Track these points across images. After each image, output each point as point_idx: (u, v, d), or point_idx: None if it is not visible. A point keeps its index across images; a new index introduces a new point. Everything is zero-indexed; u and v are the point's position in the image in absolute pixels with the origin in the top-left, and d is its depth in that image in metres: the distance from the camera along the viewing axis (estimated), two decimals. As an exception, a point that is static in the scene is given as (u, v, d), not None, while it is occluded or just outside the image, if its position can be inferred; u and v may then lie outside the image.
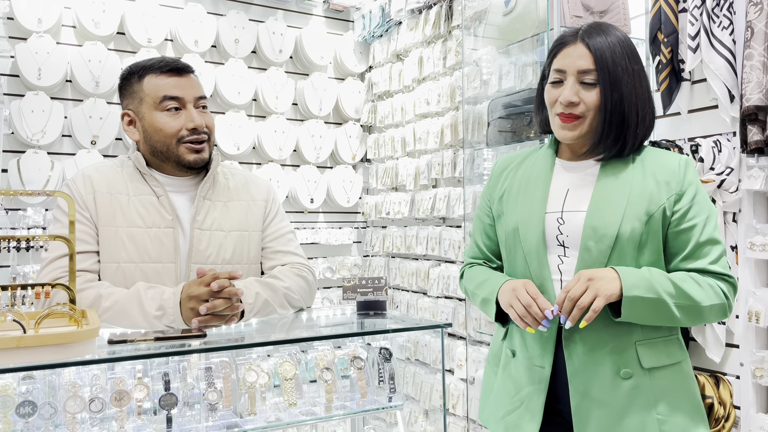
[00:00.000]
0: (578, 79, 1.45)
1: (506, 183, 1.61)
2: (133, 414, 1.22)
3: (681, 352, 1.47)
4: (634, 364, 1.41)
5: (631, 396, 1.40)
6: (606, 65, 1.42)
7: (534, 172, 1.56)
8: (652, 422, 1.39)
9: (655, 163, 1.47)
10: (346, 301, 1.60)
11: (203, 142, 1.68)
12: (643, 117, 1.46)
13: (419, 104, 3.63)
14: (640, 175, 1.45)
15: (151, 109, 1.66)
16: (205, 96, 1.72)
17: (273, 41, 3.93)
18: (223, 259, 1.68)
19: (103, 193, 1.63)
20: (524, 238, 1.49)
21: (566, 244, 1.45)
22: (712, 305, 1.38)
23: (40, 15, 3.28)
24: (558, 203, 1.49)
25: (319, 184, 4.04)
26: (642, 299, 1.33)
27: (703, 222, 1.42)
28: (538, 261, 1.47)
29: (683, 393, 1.44)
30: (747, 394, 2.22)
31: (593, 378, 1.41)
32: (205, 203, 1.70)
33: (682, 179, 1.44)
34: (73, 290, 1.23)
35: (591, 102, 1.44)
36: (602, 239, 1.40)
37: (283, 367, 1.38)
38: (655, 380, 1.41)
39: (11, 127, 3.22)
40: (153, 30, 3.56)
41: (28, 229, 3.20)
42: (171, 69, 1.67)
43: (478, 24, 3.01)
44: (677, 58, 2.45)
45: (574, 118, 1.45)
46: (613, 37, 1.45)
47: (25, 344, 1.03)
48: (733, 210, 2.27)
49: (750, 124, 2.11)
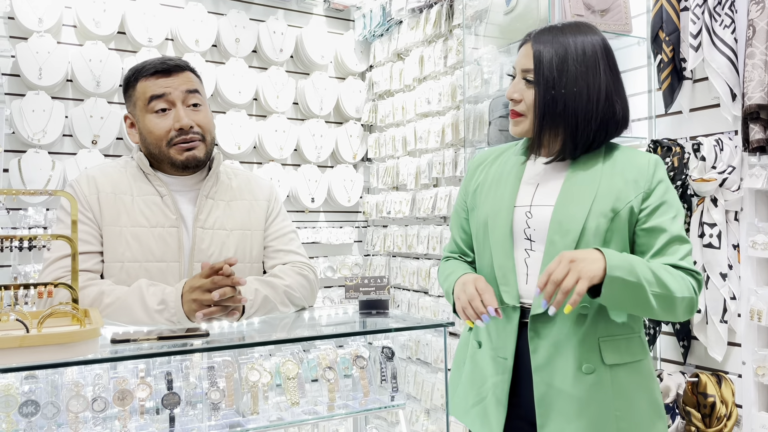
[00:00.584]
0: (522, 76, 1.50)
1: (480, 177, 1.65)
2: (135, 413, 1.22)
3: (642, 350, 1.49)
4: (596, 359, 1.43)
5: (592, 391, 1.42)
6: (542, 66, 1.44)
7: (507, 168, 1.59)
8: (611, 418, 1.42)
9: (625, 161, 1.48)
10: (348, 300, 1.59)
11: (195, 140, 1.67)
12: (588, 119, 1.45)
13: (420, 103, 3.63)
14: (609, 173, 1.47)
15: (143, 112, 1.66)
16: (196, 90, 1.68)
17: (274, 40, 3.93)
18: (226, 257, 1.68)
19: (107, 193, 1.63)
20: (492, 230, 1.52)
21: (533, 237, 1.48)
22: (683, 297, 1.38)
23: (40, 15, 3.27)
24: (527, 198, 1.52)
25: (320, 184, 4.04)
26: (623, 281, 1.31)
27: (671, 220, 1.43)
28: (504, 253, 1.50)
29: (642, 390, 1.46)
30: (749, 393, 2.22)
31: (557, 371, 1.44)
32: (207, 202, 1.70)
33: (651, 177, 1.45)
34: (75, 289, 1.23)
35: (529, 100, 1.48)
36: (567, 233, 1.42)
37: (286, 366, 1.38)
38: (616, 376, 1.43)
39: (12, 127, 3.22)
40: (154, 29, 3.56)
41: (29, 229, 3.20)
42: (158, 71, 1.65)
43: (479, 23, 3.01)
44: (679, 56, 2.44)
45: (517, 114, 1.52)
46: (567, 39, 1.46)
47: (28, 344, 1.03)
48: (735, 209, 2.27)
49: (752, 122, 2.10)
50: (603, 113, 1.45)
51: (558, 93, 1.44)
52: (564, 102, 1.44)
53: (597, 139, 1.48)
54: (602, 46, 1.48)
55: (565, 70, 1.44)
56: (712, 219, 2.29)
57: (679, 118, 2.54)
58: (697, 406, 2.36)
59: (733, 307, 2.27)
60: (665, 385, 2.38)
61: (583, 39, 1.46)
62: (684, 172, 2.38)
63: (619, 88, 1.50)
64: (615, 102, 1.47)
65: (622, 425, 1.42)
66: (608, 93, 1.46)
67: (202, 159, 1.69)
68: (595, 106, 1.45)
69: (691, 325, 2.42)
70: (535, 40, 1.48)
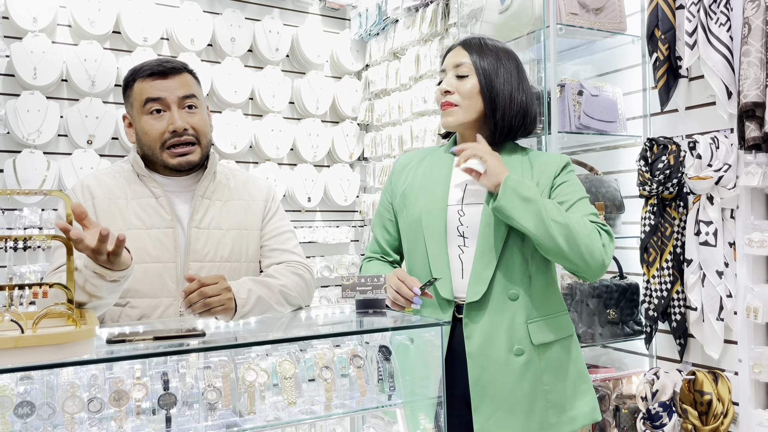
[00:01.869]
0: (455, 73, 1.67)
1: (408, 179, 1.77)
2: (131, 414, 1.21)
3: (568, 328, 1.68)
4: (525, 341, 1.59)
5: (523, 370, 1.58)
6: (478, 59, 1.66)
7: (435, 169, 1.73)
8: (540, 392, 1.59)
9: (539, 160, 1.69)
10: (345, 299, 1.59)
11: (189, 144, 1.67)
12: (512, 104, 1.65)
13: (416, 102, 3.63)
14: (528, 170, 1.66)
15: (139, 113, 1.66)
16: (193, 95, 1.68)
17: (269, 40, 3.92)
18: (221, 257, 1.69)
19: (101, 198, 1.65)
20: (426, 228, 1.65)
21: (466, 234, 1.63)
22: (589, 237, 1.52)
23: (35, 14, 3.26)
24: (458, 196, 1.67)
25: (317, 183, 4.04)
26: (519, 194, 1.50)
27: (578, 191, 1.64)
28: (438, 249, 1.64)
29: (568, 364, 1.64)
30: (745, 390, 2.23)
31: (489, 355, 1.59)
32: (203, 202, 1.70)
33: (561, 170, 1.66)
34: (71, 290, 1.23)
35: (463, 90, 1.65)
36: (498, 228, 1.59)
37: (282, 365, 1.38)
38: (543, 354, 1.61)
39: (7, 127, 3.21)
40: (149, 29, 3.55)
41: (24, 229, 3.19)
42: (154, 72, 1.65)
43: (474, 22, 3.01)
44: (674, 54, 2.45)
45: (450, 104, 1.67)
46: (492, 43, 1.69)
47: (23, 344, 1.03)
48: (731, 206, 2.28)
49: (747, 120, 2.11)
50: (521, 102, 1.67)
51: (492, 79, 1.64)
52: (496, 87, 1.64)
53: (516, 124, 1.67)
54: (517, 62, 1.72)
55: (497, 61, 1.66)
56: (708, 217, 2.30)
57: (675, 116, 2.55)
58: (694, 404, 2.37)
59: (729, 304, 2.28)
60: (662, 383, 2.39)
61: (504, 50, 1.70)
62: (680, 170, 2.39)
63: (532, 94, 1.72)
64: (531, 99, 1.70)
65: (550, 397, 1.60)
66: (525, 89, 1.68)
67: (196, 162, 1.69)
68: (518, 94, 1.66)
69: (687, 322, 2.43)
70: (463, 44, 1.70)
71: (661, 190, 2.41)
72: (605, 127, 2.64)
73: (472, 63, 1.65)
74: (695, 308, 2.37)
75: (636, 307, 2.64)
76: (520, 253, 1.61)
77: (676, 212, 2.44)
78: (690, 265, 2.36)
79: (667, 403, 2.36)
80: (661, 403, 2.36)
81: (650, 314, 2.49)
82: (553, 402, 1.60)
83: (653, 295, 2.47)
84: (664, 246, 2.45)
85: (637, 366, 2.75)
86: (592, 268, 1.54)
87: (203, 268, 1.66)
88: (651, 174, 2.42)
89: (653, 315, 2.47)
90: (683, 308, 2.44)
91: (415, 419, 1.51)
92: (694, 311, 2.37)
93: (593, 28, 2.61)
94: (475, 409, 1.59)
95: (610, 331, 2.59)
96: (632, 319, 2.63)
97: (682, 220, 2.44)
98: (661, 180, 2.38)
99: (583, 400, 1.66)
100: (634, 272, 2.70)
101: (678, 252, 2.43)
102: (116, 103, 3.52)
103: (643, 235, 2.47)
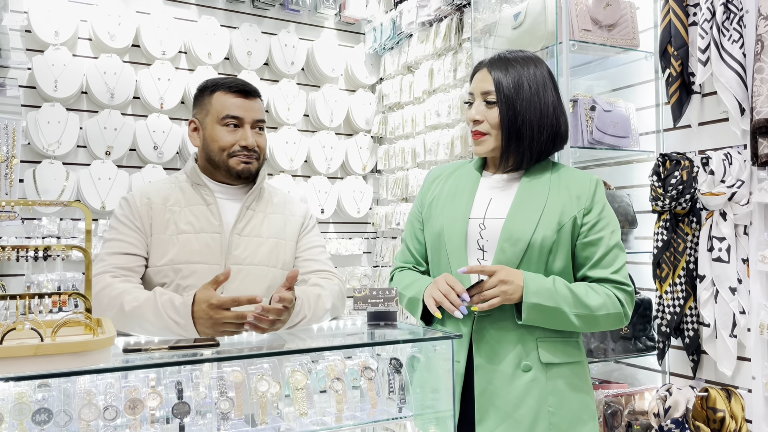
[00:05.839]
0: (483, 99, 1.67)
1: (436, 191, 1.80)
2: (146, 422, 1.23)
3: (578, 353, 1.67)
4: (534, 358, 1.60)
5: (529, 387, 1.59)
6: (501, 86, 1.64)
7: (461, 182, 1.76)
8: (545, 413, 1.58)
9: (569, 179, 1.68)
10: (357, 311, 1.61)
11: (252, 158, 1.83)
12: (541, 130, 1.64)
13: (429, 116, 3.65)
14: (555, 189, 1.66)
15: (214, 123, 1.81)
16: (263, 120, 1.86)
17: (285, 53, 3.97)
18: (259, 260, 1.81)
19: (158, 204, 1.79)
20: (448, 240, 1.68)
21: (485, 248, 1.65)
22: (608, 314, 1.59)
23: (56, 28, 3.33)
24: (481, 210, 1.68)
25: (330, 195, 4.06)
26: (541, 307, 1.54)
27: (609, 235, 1.63)
28: (458, 260, 1.65)
29: (575, 391, 1.63)
30: (759, 408, 2.21)
31: (497, 369, 1.60)
32: (248, 212, 1.84)
33: (592, 196, 1.65)
34: (89, 299, 1.25)
35: (492, 119, 1.65)
36: (516, 243, 1.60)
37: (294, 376, 1.39)
38: (551, 375, 1.60)
39: (27, 138, 3.27)
40: (167, 42, 3.61)
41: (43, 239, 3.24)
42: (239, 90, 1.82)
43: (488, 37, 3.03)
44: (687, 71, 2.45)
45: (480, 134, 1.68)
46: (518, 62, 1.66)
47: (42, 352, 1.05)
48: (744, 223, 2.27)
49: (761, 137, 2.11)
50: (551, 125, 1.66)
51: (517, 108, 1.63)
52: (522, 116, 1.63)
53: (546, 148, 1.67)
54: (548, 70, 1.69)
55: (521, 87, 1.63)
56: (721, 233, 2.29)
57: (688, 132, 2.55)
58: (707, 421, 2.35)
59: (742, 321, 2.26)
60: (674, 400, 2.37)
61: (532, 63, 1.67)
62: (693, 185, 2.38)
63: (562, 106, 1.69)
64: (560, 116, 1.68)
65: (554, 420, 1.59)
66: (554, 108, 1.66)
67: (254, 173, 1.86)
68: (546, 120, 1.65)
69: (700, 339, 2.42)
70: (489, 65, 1.68)
71: (674, 205, 2.41)
72: (618, 142, 2.65)
73: (495, 91, 1.64)
74: (708, 324, 2.35)
75: (649, 322, 2.63)
76: (537, 269, 1.62)
77: (689, 228, 2.44)
78: (703, 281, 2.35)
79: (680, 420, 2.34)
80: (674, 419, 2.34)
81: (663, 330, 2.48)
82: (556, 425, 1.59)
83: (666, 310, 2.46)
84: (677, 262, 2.44)
85: (649, 382, 2.74)
86: (614, 328, 1.66)
87: (241, 271, 1.77)
88: (664, 189, 2.42)
89: (666, 331, 2.46)
90: (696, 324, 2.43)
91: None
92: (707, 327, 2.36)
93: (606, 44, 2.62)
94: (479, 421, 1.60)
95: (623, 346, 2.58)
96: (645, 335, 2.62)
97: (695, 235, 2.43)
98: (673, 195, 2.38)
99: (583, 430, 1.64)
100: (647, 287, 2.69)
101: (691, 268, 2.43)
102: (134, 115, 3.58)
103: (655, 250, 2.47)
